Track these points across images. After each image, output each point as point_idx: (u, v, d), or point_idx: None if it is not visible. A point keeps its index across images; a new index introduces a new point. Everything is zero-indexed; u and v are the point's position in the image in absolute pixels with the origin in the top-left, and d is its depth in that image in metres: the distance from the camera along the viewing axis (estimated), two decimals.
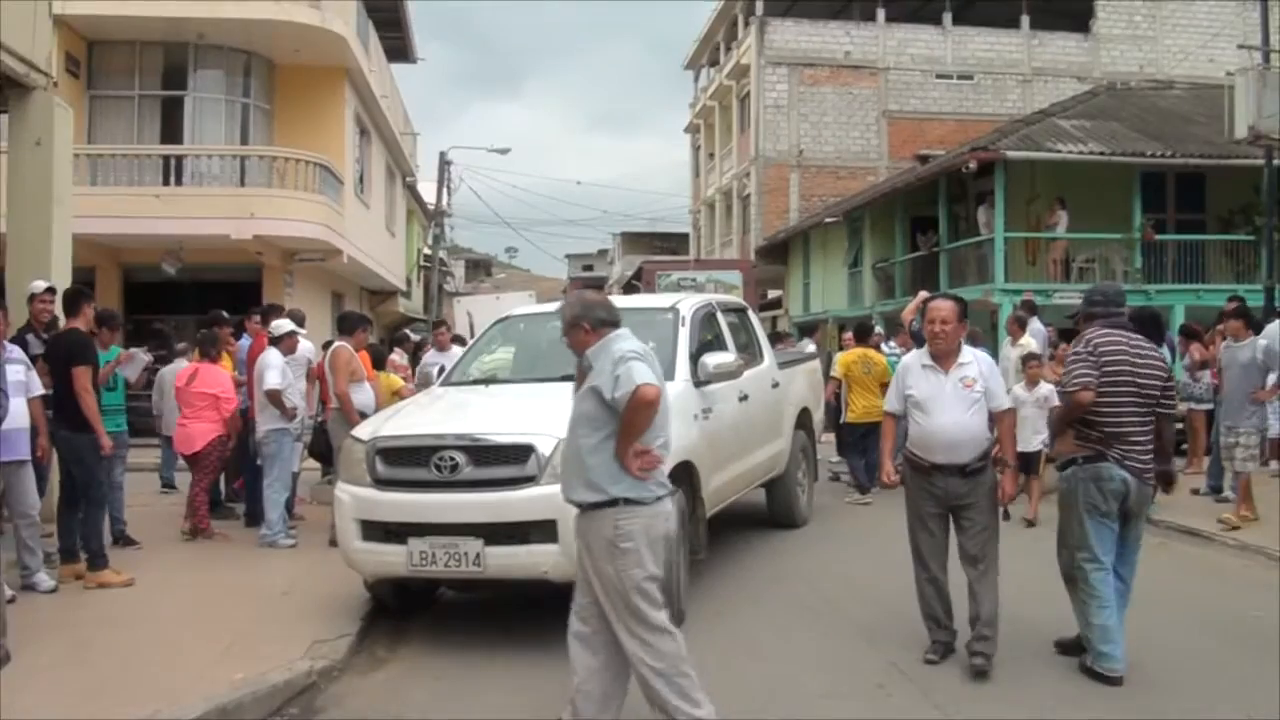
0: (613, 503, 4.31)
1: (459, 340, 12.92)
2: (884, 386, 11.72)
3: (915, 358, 5.85)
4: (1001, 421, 5.63)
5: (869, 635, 6.24)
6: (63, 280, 8.81)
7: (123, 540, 8.37)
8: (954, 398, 5.58)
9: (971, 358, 5.67)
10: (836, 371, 11.85)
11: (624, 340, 4.45)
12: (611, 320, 4.54)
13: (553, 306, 10.91)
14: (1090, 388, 5.39)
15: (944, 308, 5.71)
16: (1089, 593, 5.42)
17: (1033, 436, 9.57)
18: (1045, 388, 9.65)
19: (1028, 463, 9.51)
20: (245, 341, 10.14)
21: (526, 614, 6.94)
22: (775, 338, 15.46)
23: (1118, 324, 5.58)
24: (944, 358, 5.69)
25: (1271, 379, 9.05)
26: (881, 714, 5.01)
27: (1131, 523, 5.52)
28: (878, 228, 26.44)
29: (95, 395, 7.27)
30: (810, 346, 13.71)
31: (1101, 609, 5.36)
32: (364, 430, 6.73)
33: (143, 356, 8.51)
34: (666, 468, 6.23)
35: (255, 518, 9.10)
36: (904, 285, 24.33)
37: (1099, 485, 5.41)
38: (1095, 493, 5.43)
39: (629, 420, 4.25)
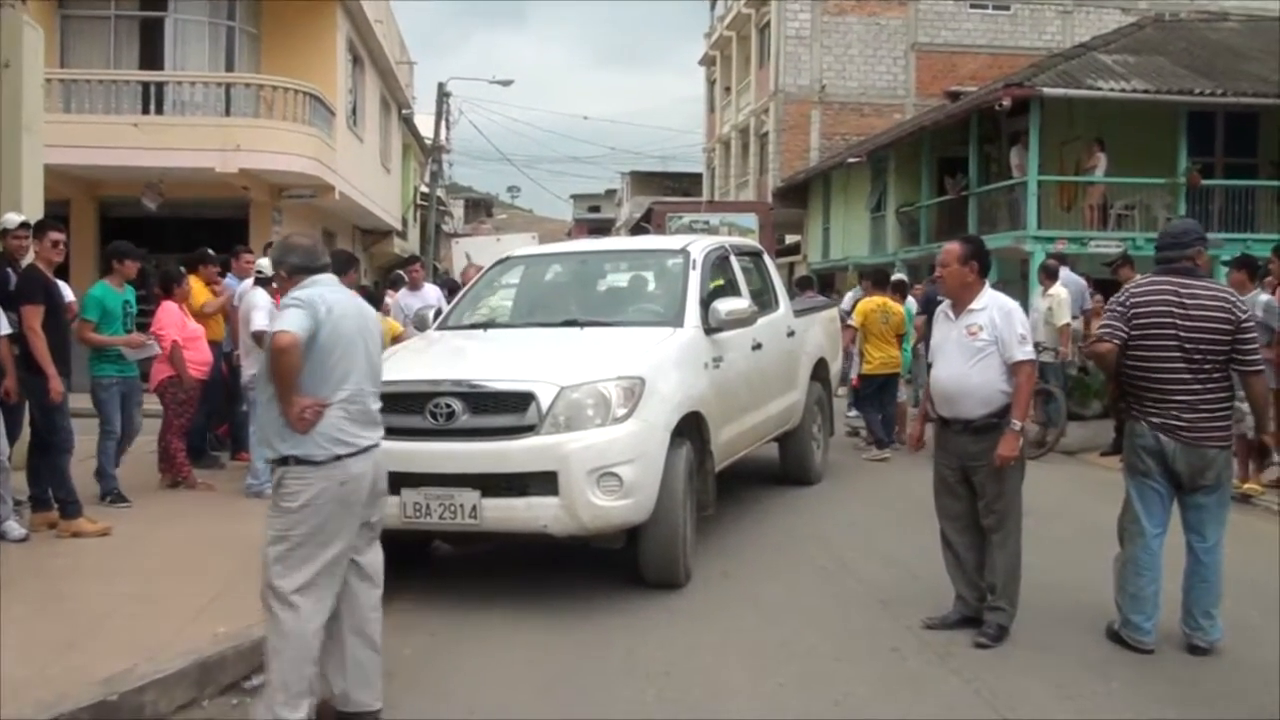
0: (283, 461, 4.23)
1: (451, 283, 12.87)
2: (900, 338, 11.81)
3: (945, 304, 5.83)
4: (1015, 374, 5.41)
5: (884, 597, 6.27)
6: (35, 213, 8.77)
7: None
8: (956, 347, 5.54)
9: (985, 304, 5.52)
10: (854, 320, 11.83)
11: (307, 287, 4.31)
12: (305, 266, 4.41)
13: (556, 248, 10.89)
14: (1109, 340, 5.35)
15: (948, 249, 5.68)
16: (1125, 556, 5.43)
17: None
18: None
19: None
20: (231, 281, 10.13)
21: (524, 569, 7.00)
22: (802, 284, 15.49)
23: (1174, 269, 5.35)
24: (955, 304, 5.66)
25: None
26: (896, 678, 5.05)
27: (1193, 492, 5.30)
28: (903, 169, 26.24)
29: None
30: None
31: (1137, 576, 5.34)
32: None
33: (155, 348, 8.45)
34: (674, 418, 6.35)
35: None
36: (930, 231, 24.25)
37: (1132, 442, 5.41)
38: (1130, 450, 5.44)
39: (270, 370, 4.18)
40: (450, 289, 12.31)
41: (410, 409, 6.14)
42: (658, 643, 5.52)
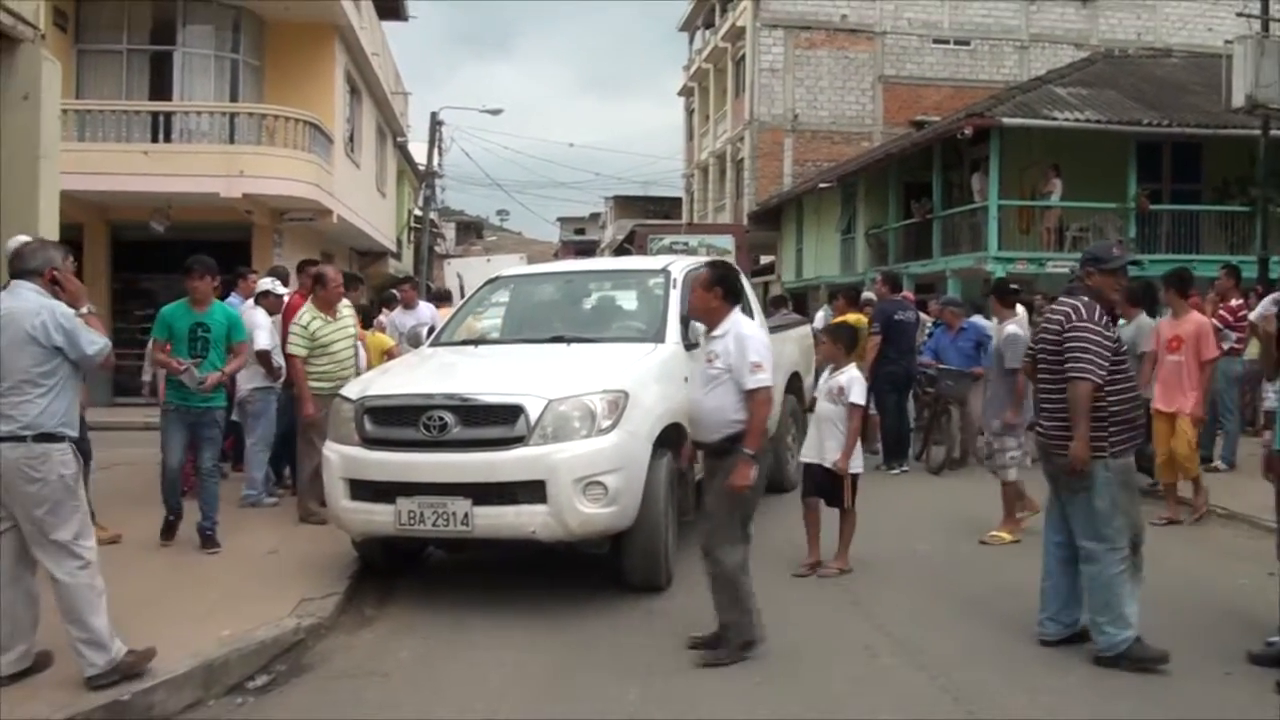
0: None
1: (446, 299, 12.85)
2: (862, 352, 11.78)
3: None
4: (748, 401, 5.10)
5: (856, 599, 6.28)
6: (50, 236, 8.72)
7: (207, 541, 7.30)
8: (700, 372, 5.40)
9: (725, 330, 5.23)
10: None
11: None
12: (12, 273, 4.79)
13: (543, 268, 10.89)
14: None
15: (697, 274, 5.63)
16: None
17: (826, 443, 6.92)
18: (843, 375, 6.98)
19: (828, 489, 6.99)
20: (235, 300, 10.07)
21: (513, 573, 6.98)
22: (776, 302, 15.51)
23: (1068, 289, 5.46)
24: (706, 329, 5.45)
25: None
26: (868, 675, 5.05)
27: (1064, 496, 5.25)
28: (872, 194, 26.39)
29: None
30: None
31: (1042, 576, 5.47)
32: (352, 389, 6.73)
33: (197, 375, 7.28)
34: (656, 429, 6.34)
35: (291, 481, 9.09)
36: (897, 252, 24.38)
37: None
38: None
39: None
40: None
41: (405, 421, 6.14)
42: (640, 643, 5.51)
